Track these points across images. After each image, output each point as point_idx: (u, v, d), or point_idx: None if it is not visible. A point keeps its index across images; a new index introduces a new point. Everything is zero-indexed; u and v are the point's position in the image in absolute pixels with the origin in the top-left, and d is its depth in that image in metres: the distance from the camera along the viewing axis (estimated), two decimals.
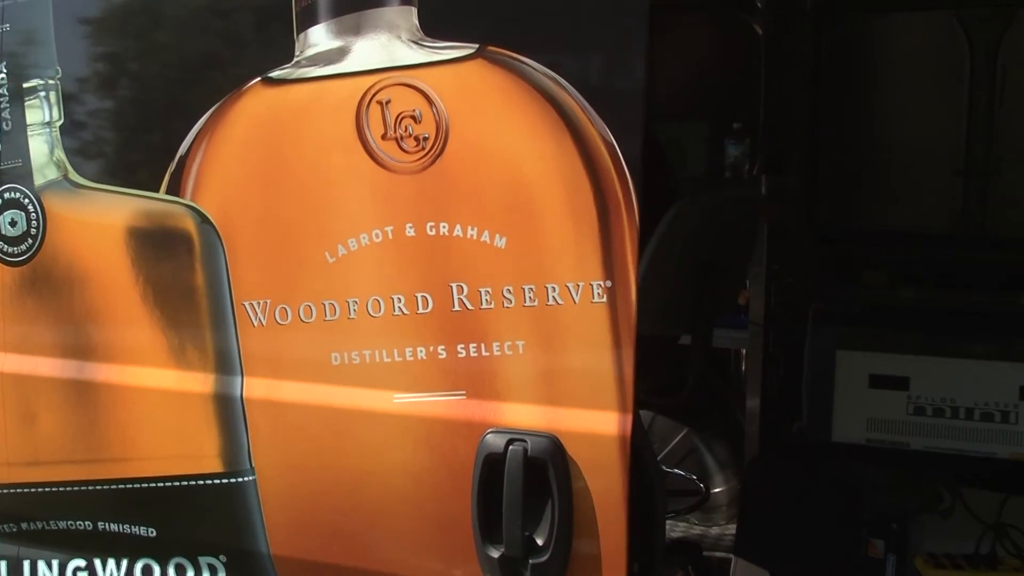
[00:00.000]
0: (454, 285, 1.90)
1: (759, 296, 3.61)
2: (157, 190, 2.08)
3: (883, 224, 4.05)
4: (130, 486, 2.15)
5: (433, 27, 1.89)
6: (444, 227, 1.90)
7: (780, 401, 3.69)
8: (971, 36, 3.81)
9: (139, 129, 2.19)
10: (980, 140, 3.86)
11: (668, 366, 3.04)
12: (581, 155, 1.80)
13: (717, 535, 3.82)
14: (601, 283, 1.81)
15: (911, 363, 3.22)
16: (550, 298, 1.84)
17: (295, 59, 1.99)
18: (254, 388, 2.08)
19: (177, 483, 2.11)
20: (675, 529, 3.94)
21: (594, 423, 1.84)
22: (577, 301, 1.83)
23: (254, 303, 2.04)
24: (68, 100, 2.22)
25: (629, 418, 1.81)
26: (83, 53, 2.22)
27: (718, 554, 3.76)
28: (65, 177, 2.19)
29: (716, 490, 3.99)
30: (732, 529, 3.83)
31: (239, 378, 2.09)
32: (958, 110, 3.87)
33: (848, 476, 3.31)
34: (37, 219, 2.19)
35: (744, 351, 3.78)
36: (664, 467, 3.93)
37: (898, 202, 4.04)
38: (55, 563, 2.29)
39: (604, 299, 1.81)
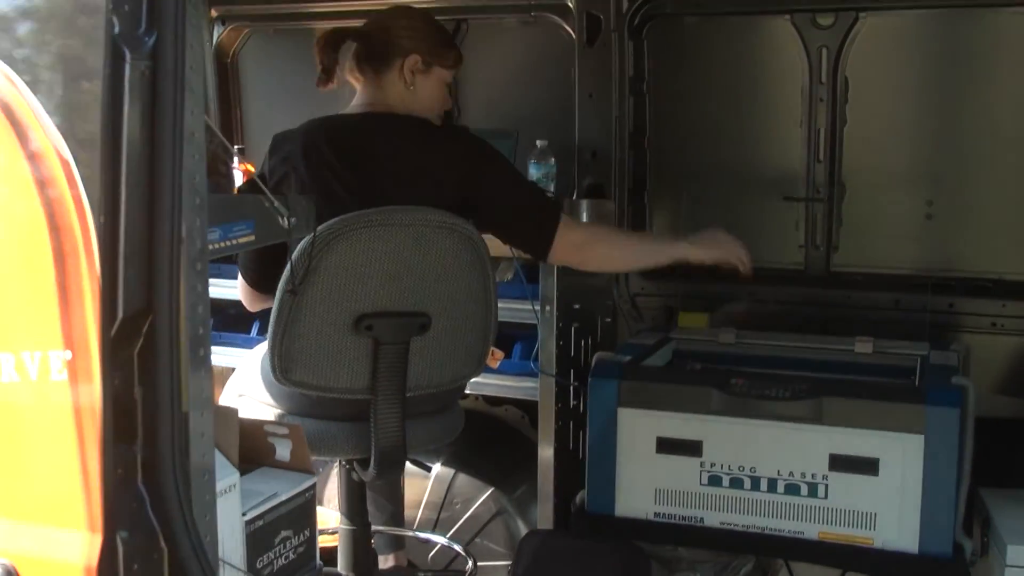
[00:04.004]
0: None
1: (551, 339, 3.09)
2: None
3: None
4: None
5: None
6: None
7: (572, 465, 3.19)
8: (808, 44, 3.32)
9: None
10: (822, 162, 3.38)
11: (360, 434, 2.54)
12: (34, 176, 1.29)
13: None
14: (60, 354, 1.30)
15: (704, 424, 2.71)
16: (4, 374, 1.32)
17: None
18: None
19: None
20: None
21: (54, 546, 1.32)
22: (35, 378, 1.31)
23: None
24: None
25: (98, 539, 1.30)
26: None
27: None
28: None
29: None
30: None
31: None
32: (798, 127, 3.38)
33: (640, 555, 2.80)
34: None
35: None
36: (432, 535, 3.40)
37: (734, 231, 3.54)
38: None
39: (64, 375, 1.29)
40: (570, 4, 3.49)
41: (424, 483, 3.60)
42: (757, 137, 3.48)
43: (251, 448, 2.17)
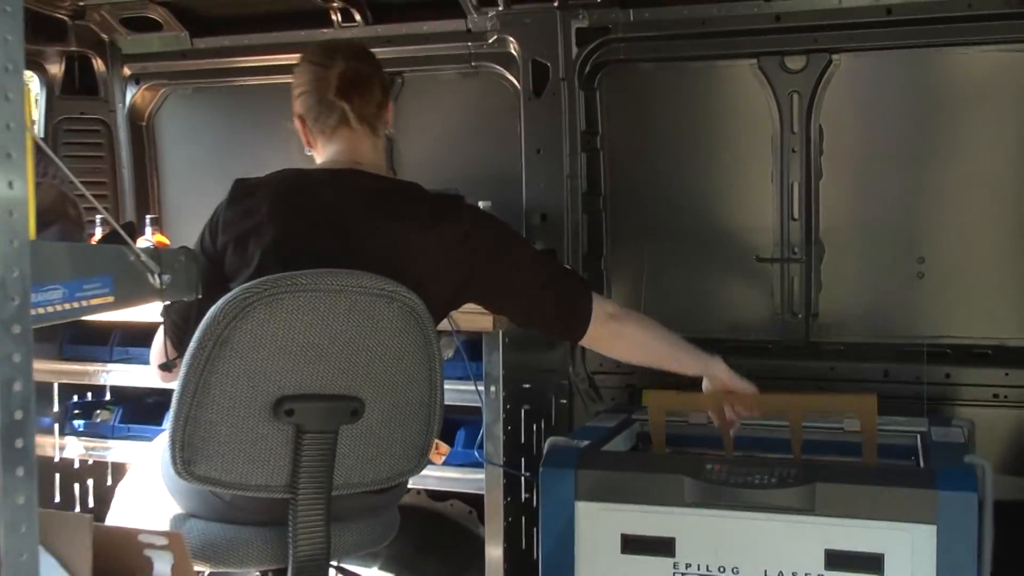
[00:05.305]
0: None
1: (498, 424, 2.71)
2: None
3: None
4: None
5: None
6: None
7: (525, 566, 2.78)
8: (777, 90, 3.02)
9: None
10: (798, 219, 3.05)
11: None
12: None
13: None
14: None
15: (677, 519, 2.32)
16: None
17: None
18: None
19: None
20: None
21: None
22: None
23: None
24: None
25: None
26: None
27: None
28: None
29: None
30: None
31: None
32: (769, 182, 3.07)
33: None
34: None
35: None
36: None
37: (703, 298, 3.20)
38: None
39: None
40: (514, 52, 3.19)
41: None
42: (725, 194, 3.16)
43: (121, 564, 1.76)
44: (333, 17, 3.31)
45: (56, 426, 3.25)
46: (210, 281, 2.14)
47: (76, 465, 3.34)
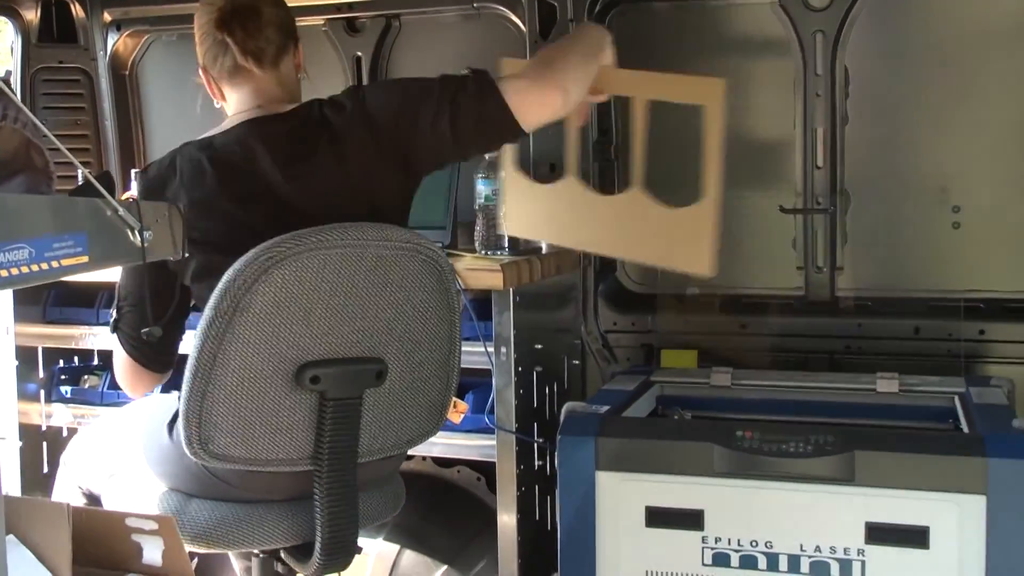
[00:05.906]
0: None
1: (509, 388, 2.55)
2: None
3: (698, 283, 3.04)
4: None
5: None
6: None
7: (539, 537, 2.63)
8: (800, 30, 2.84)
9: None
10: (822, 167, 2.88)
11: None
12: None
13: None
14: None
15: (706, 490, 2.18)
16: None
17: None
18: None
19: None
20: None
21: None
22: None
23: None
24: None
25: None
26: None
27: None
28: None
29: None
30: None
31: None
32: (792, 128, 2.89)
33: None
34: None
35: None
36: None
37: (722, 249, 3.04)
38: None
39: None
40: None
41: (362, 562, 3.03)
42: (744, 141, 2.97)
43: (107, 551, 1.61)
44: None
45: (42, 393, 3.10)
46: (160, 279, 1.99)
47: (65, 433, 3.19)
